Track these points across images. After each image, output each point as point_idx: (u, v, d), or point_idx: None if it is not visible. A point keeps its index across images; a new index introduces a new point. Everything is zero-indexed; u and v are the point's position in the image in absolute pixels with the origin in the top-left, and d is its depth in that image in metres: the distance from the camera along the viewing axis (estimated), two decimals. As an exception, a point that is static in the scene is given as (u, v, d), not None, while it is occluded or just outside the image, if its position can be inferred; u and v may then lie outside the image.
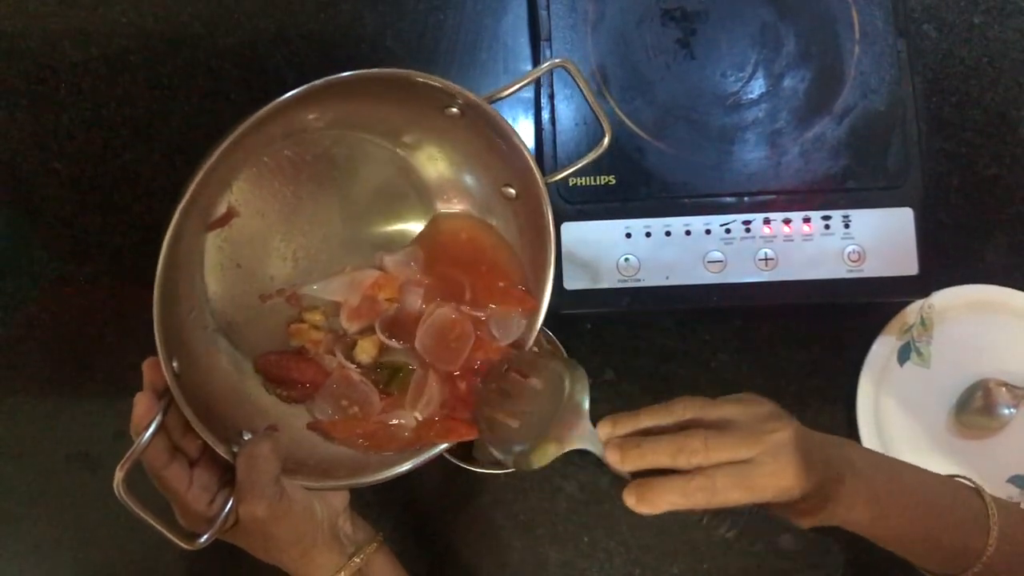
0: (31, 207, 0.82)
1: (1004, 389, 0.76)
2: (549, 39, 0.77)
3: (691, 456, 0.50)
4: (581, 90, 0.62)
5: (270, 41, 0.83)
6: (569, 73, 0.61)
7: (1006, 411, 0.76)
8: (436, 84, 0.56)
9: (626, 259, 0.74)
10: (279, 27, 0.84)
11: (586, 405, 0.57)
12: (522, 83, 0.60)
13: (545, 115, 0.76)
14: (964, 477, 0.61)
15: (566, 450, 0.56)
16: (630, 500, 0.51)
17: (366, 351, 0.65)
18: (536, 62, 0.80)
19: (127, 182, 0.82)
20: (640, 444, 0.52)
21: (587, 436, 0.55)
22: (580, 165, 0.64)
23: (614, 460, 0.52)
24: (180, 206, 0.50)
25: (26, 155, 0.82)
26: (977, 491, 0.59)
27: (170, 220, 0.51)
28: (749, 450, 0.50)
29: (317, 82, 0.52)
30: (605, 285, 0.74)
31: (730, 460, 0.50)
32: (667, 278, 0.74)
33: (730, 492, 0.49)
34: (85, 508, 0.78)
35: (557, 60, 0.61)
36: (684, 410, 0.53)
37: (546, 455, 0.57)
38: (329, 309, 0.67)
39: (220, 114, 0.82)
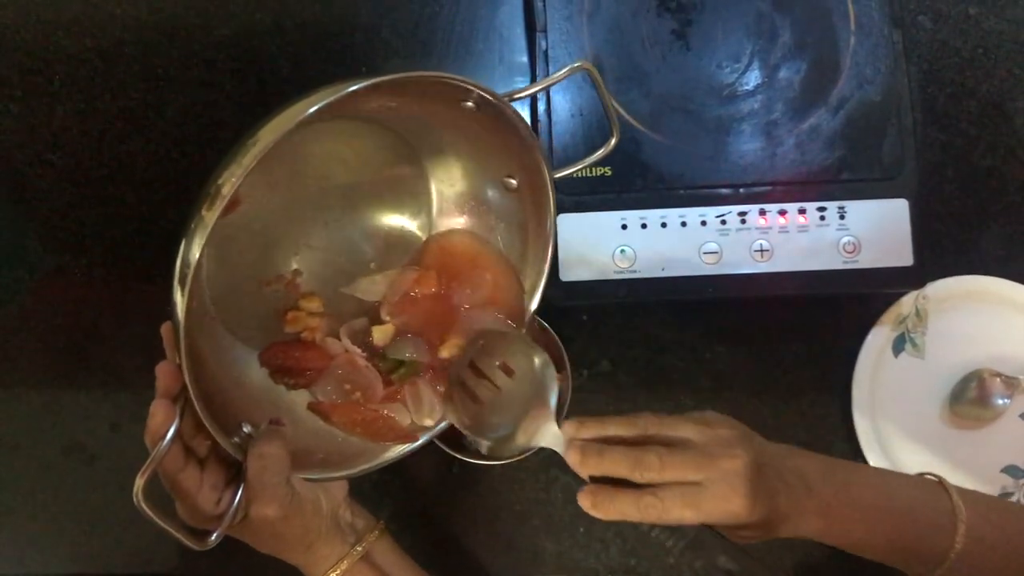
0: (25, 199, 0.82)
1: (998, 379, 0.76)
2: (544, 30, 0.77)
3: (645, 471, 0.52)
4: (599, 93, 0.62)
5: (265, 32, 0.83)
6: (591, 76, 0.61)
7: (1000, 401, 0.76)
8: (458, 83, 0.55)
9: (622, 250, 0.74)
10: (274, 18, 0.83)
11: (553, 401, 0.58)
12: (542, 85, 0.61)
13: (541, 107, 0.76)
14: (932, 474, 0.60)
15: (533, 446, 0.58)
16: (585, 503, 0.53)
17: (382, 333, 0.66)
18: (532, 53, 0.80)
19: (122, 173, 0.82)
20: (601, 452, 0.54)
21: (551, 434, 0.57)
22: (586, 163, 0.65)
23: (574, 462, 0.54)
24: (224, 203, 0.49)
25: (20, 147, 0.82)
26: (944, 488, 0.59)
27: (206, 218, 0.48)
28: (701, 473, 0.52)
29: (383, 78, 0.51)
30: (601, 276, 0.74)
31: (682, 480, 0.52)
32: (663, 269, 0.74)
33: (678, 511, 0.52)
34: (82, 499, 0.78)
35: (578, 63, 0.60)
36: (647, 425, 0.55)
37: (514, 447, 0.59)
38: (328, 296, 0.67)
39: (215, 105, 0.82)
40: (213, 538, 0.54)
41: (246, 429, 0.58)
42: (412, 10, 0.84)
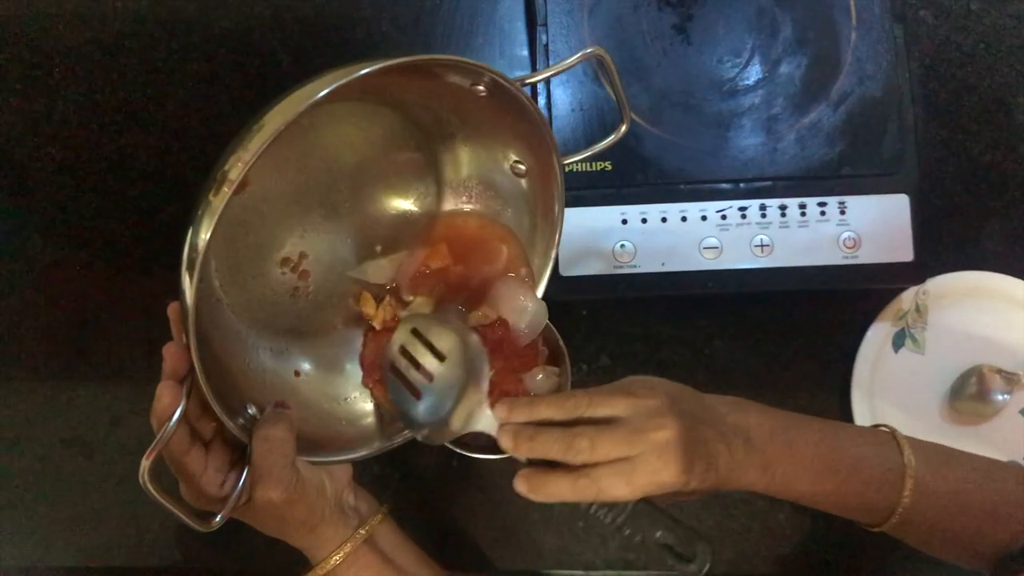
0: (25, 192, 0.82)
1: (998, 375, 0.76)
2: (545, 24, 0.77)
3: (577, 455, 0.53)
4: (611, 78, 0.62)
5: (265, 25, 0.83)
6: (604, 62, 0.61)
7: (1000, 397, 0.76)
8: (470, 66, 0.56)
9: (622, 245, 0.74)
10: (274, 11, 0.83)
11: (485, 384, 0.58)
12: (553, 71, 0.60)
13: (541, 100, 0.76)
14: (885, 426, 0.61)
15: (467, 431, 0.58)
16: (521, 487, 0.54)
17: (422, 306, 0.66)
18: (532, 47, 0.80)
19: (122, 167, 0.82)
20: (533, 437, 0.54)
21: (485, 418, 0.57)
22: (596, 149, 0.65)
23: (507, 447, 0.55)
24: (232, 188, 0.49)
25: (20, 140, 0.82)
26: (895, 440, 0.59)
27: (213, 204, 0.48)
28: (632, 448, 0.52)
29: (394, 62, 0.52)
30: (601, 271, 0.74)
31: (615, 458, 0.53)
32: (663, 264, 0.74)
33: (614, 489, 0.52)
34: (81, 492, 0.79)
35: (589, 49, 0.60)
36: (576, 406, 0.55)
37: (449, 432, 0.58)
38: (333, 280, 0.67)
39: (215, 99, 0.82)
40: (217, 520, 0.54)
41: (251, 411, 0.58)
42: (412, 4, 0.84)
